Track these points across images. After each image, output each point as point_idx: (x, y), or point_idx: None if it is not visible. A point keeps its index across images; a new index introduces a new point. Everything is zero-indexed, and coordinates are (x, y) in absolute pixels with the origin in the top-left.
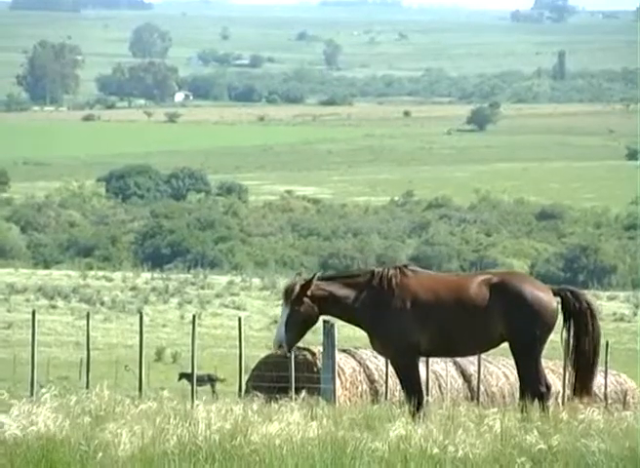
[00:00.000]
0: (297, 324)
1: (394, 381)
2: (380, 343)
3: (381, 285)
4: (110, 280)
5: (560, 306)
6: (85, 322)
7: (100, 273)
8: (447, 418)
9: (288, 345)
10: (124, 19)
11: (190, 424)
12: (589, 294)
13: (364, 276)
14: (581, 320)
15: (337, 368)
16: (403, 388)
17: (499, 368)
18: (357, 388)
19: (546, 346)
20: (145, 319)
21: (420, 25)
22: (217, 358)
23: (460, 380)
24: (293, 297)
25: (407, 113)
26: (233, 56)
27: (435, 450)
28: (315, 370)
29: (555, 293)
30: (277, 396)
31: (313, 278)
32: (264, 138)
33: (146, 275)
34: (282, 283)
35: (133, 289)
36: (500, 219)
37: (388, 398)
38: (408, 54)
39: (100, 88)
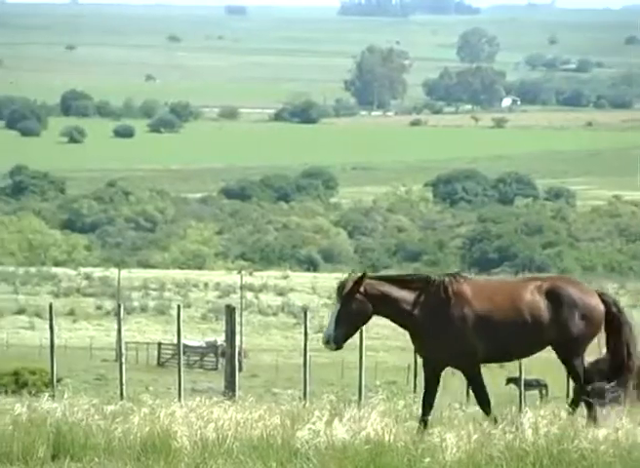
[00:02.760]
0: (347, 320)
1: None
2: (435, 349)
3: (438, 292)
4: None
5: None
6: None
7: None
8: None
9: (336, 341)
10: (452, 24)
11: (517, 429)
12: None
13: (419, 282)
14: (615, 324)
15: None
16: (474, 390)
17: None
18: None
19: None
20: None
21: None
22: (545, 363)
23: None
24: (345, 294)
25: None
26: (561, 60)
27: None
28: None
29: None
30: (606, 401)
31: (364, 275)
32: (592, 143)
33: None
34: (607, 287)
35: None
36: None
37: None
38: None
39: (428, 92)
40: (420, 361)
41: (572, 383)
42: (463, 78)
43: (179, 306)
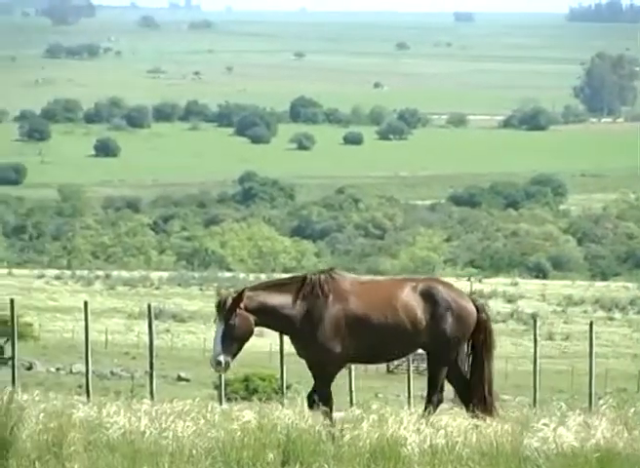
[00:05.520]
0: (233, 339)
1: None
2: (312, 349)
3: (314, 291)
4: None
5: None
6: None
7: None
8: None
9: (226, 362)
10: None
11: None
12: None
13: (296, 283)
14: (482, 331)
15: None
16: (317, 393)
17: None
18: None
19: None
20: None
21: None
22: None
23: None
24: (226, 311)
25: None
26: None
27: None
28: None
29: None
30: None
31: (244, 291)
32: None
33: None
34: None
35: None
36: None
37: None
38: None
39: None
40: None
41: None
42: None
43: None
